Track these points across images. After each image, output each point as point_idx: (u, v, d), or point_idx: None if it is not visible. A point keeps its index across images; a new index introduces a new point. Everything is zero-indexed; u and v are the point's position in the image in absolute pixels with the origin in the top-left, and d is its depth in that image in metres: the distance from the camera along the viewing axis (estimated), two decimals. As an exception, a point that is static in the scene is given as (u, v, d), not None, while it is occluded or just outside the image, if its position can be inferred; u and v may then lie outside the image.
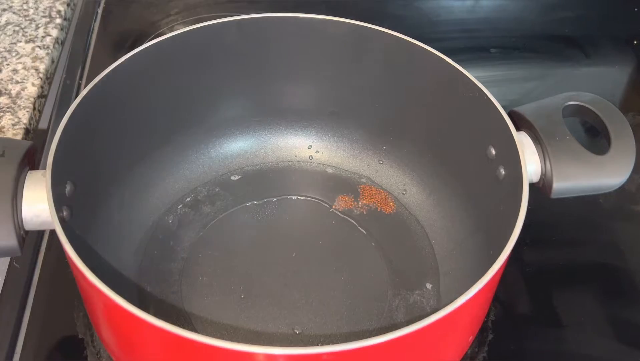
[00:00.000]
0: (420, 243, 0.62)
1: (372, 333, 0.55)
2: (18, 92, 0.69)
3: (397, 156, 0.67)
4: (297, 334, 0.55)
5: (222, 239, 0.62)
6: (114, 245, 0.57)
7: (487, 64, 0.87)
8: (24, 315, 0.56)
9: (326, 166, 0.68)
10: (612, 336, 0.58)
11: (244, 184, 0.66)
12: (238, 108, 0.66)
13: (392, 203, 0.65)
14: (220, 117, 0.66)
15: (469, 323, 0.50)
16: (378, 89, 0.64)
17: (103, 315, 0.47)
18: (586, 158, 0.54)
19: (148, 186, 0.63)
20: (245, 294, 0.57)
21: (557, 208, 0.63)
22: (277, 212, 0.64)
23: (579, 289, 0.62)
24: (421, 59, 0.59)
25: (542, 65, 0.88)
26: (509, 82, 0.85)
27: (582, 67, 0.87)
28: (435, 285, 0.59)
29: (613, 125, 0.55)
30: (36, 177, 0.49)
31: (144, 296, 0.57)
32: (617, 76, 0.87)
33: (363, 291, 0.58)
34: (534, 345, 0.57)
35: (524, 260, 0.63)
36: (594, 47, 0.89)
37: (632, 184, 0.68)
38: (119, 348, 0.49)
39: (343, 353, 0.39)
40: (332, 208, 0.65)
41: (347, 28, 0.61)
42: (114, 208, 0.58)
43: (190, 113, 0.64)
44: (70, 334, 0.55)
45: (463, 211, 0.61)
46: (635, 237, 0.67)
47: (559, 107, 0.56)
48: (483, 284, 0.43)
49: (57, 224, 0.45)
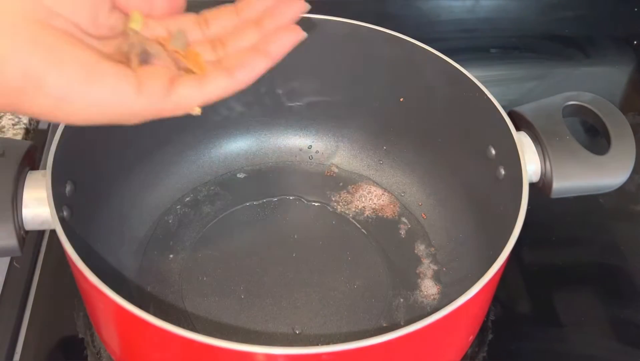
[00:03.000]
0: (420, 243, 0.62)
1: (372, 333, 0.55)
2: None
3: (397, 156, 0.67)
4: (297, 334, 0.55)
5: (222, 239, 0.62)
6: (114, 245, 0.57)
7: (487, 64, 0.87)
8: (24, 315, 0.56)
9: (326, 166, 0.68)
10: (612, 336, 0.58)
11: (244, 184, 0.66)
12: (238, 108, 0.66)
13: (392, 203, 0.65)
14: (220, 117, 0.66)
15: (469, 323, 0.50)
16: (378, 89, 0.64)
17: (103, 315, 0.47)
18: (586, 158, 0.54)
19: (148, 186, 0.63)
20: (245, 294, 0.57)
21: (557, 208, 0.63)
22: (277, 212, 0.64)
23: (579, 289, 0.62)
24: (421, 59, 0.59)
25: (542, 65, 0.88)
26: (509, 82, 0.85)
27: (582, 67, 0.87)
28: (435, 285, 0.59)
29: (613, 125, 0.55)
30: (36, 178, 0.49)
31: (144, 296, 0.57)
32: (617, 76, 0.87)
33: (363, 291, 0.58)
34: (534, 345, 0.57)
35: (524, 260, 0.63)
36: (594, 47, 0.89)
37: (632, 184, 0.68)
38: (119, 348, 0.49)
39: (343, 353, 0.39)
40: (332, 208, 0.65)
41: (347, 28, 0.61)
42: (114, 208, 0.58)
43: (190, 113, 0.64)
44: (70, 334, 0.55)
45: (463, 211, 0.61)
46: (635, 237, 0.67)
47: (559, 107, 0.56)
48: (483, 284, 0.43)
49: (57, 224, 0.45)
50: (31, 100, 0.36)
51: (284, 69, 0.64)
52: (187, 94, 0.40)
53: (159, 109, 0.39)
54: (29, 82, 0.35)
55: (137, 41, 0.40)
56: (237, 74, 0.41)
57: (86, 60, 0.37)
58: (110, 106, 0.37)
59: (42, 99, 0.36)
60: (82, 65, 0.36)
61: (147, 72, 0.39)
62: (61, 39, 0.37)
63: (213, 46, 0.43)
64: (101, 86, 0.37)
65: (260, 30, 0.43)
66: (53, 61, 0.36)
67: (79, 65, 0.36)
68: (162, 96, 0.39)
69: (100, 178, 0.57)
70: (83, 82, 0.36)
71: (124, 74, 0.38)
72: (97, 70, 0.37)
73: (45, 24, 0.37)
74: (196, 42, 0.43)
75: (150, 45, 0.41)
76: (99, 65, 0.37)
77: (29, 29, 0.36)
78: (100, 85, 0.37)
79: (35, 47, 0.36)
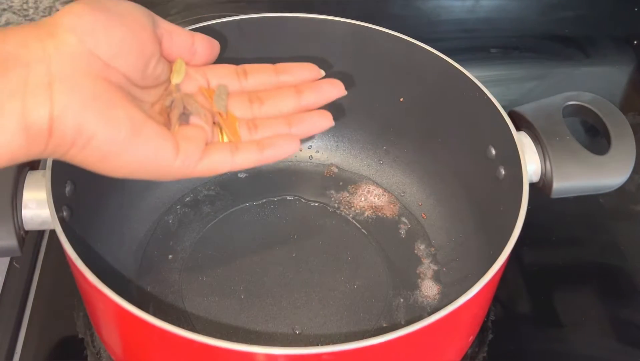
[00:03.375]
0: (420, 243, 0.62)
1: (372, 333, 0.55)
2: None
3: (397, 156, 0.67)
4: (297, 334, 0.55)
5: (222, 239, 0.62)
6: (114, 245, 0.57)
7: (487, 64, 0.87)
8: (24, 315, 0.56)
9: (326, 166, 0.68)
10: (612, 336, 0.58)
11: (244, 184, 0.66)
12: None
13: (392, 203, 0.65)
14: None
15: (469, 323, 0.50)
16: (378, 89, 0.64)
17: (103, 315, 0.47)
18: (586, 158, 0.54)
19: (148, 186, 0.63)
20: (245, 294, 0.57)
21: (557, 208, 0.63)
22: (277, 212, 0.64)
23: (579, 289, 0.62)
24: (421, 59, 0.59)
25: (542, 65, 0.88)
26: (509, 82, 0.85)
27: (582, 67, 0.87)
28: (435, 285, 0.59)
29: (613, 125, 0.55)
30: (36, 177, 0.49)
31: (144, 296, 0.57)
32: (617, 76, 0.87)
33: (363, 291, 0.58)
34: (534, 345, 0.57)
35: (524, 260, 0.63)
36: (594, 47, 0.89)
37: (632, 184, 0.69)
38: (118, 348, 0.49)
39: (343, 353, 0.39)
40: (331, 208, 0.65)
41: (347, 28, 0.61)
42: (114, 208, 0.58)
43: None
44: (70, 334, 0.55)
45: (463, 211, 0.61)
46: (635, 237, 0.67)
47: (559, 107, 0.56)
48: (483, 284, 0.43)
49: (57, 224, 0.45)
50: (79, 152, 0.38)
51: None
52: (218, 160, 0.42)
53: (192, 171, 0.42)
54: (80, 137, 0.37)
55: (178, 98, 0.43)
56: (267, 151, 0.43)
57: (136, 119, 0.38)
58: (151, 164, 0.40)
59: (90, 152, 0.38)
60: (132, 124, 0.38)
61: (185, 136, 0.41)
62: (115, 95, 0.38)
63: (250, 100, 0.45)
64: (146, 146, 0.39)
65: (299, 99, 0.46)
66: (106, 118, 0.37)
67: (130, 124, 0.38)
68: (197, 160, 0.41)
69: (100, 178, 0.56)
70: (131, 141, 0.38)
71: (166, 136, 0.40)
72: (144, 130, 0.39)
73: (102, 78, 0.38)
74: (234, 92, 0.45)
75: (190, 104, 0.43)
76: (146, 125, 0.39)
77: (86, 84, 0.37)
78: (145, 145, 0.39)
79: (91, 103, 0.37)
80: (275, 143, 0.44)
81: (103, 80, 0.38)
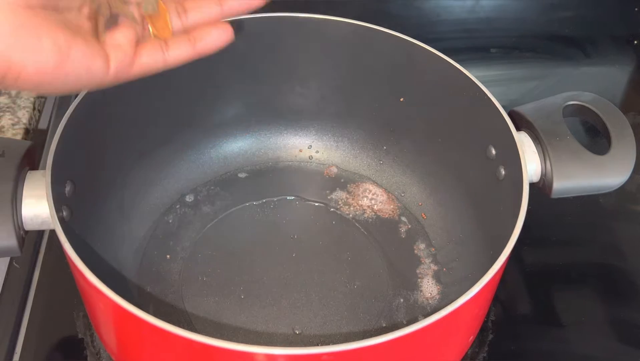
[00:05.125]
0: (420, 243, 0.62)
1: (372, 333, 0.55)
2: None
3: (397, 156, 0.67)
4: (297, 334, 0.55)
5: (222, 239, 0.62)
6: (114, 245, 0.57)
7: (487, 64, 0.87)
8: (24, 315, 0.56)
9: (326, 166, 0.68)
10: (612, 336, 0.58)
11: (244, 184, 0.66)
12: (238, 108, 0.66)
13: (392, 203, 0.65)
14: (220, 117, 0.66)
15: (469, 323, 0.50)
16: (378, 89, 0.64)
17: (103, 315, 0.47)
18: (586, 158, 0.54)
19: (148, 186, 0.63)
20: (245, 294, 0.57)
21: (557, 208, 0.63)
22: (277, 212, 0.64)
23: (579, 289, 0.62)
24: (421, 59, 0.59)
25: (542, 65, 0.88)
26: (509, 82, 0.85)
27: (582, 67, 0.87)
28: (435, 285, 0.59)
29: (613, 125, 0.55)
30: (36, 177, 0.49)
31: (144, 296, 0.57)
32: (617, 76, 0.87)
33: (363, 291, 0.58)
34: (534, 345, 0.57)
35: (524, 260, 0.63)
36: (594, 47, 0.89)
37: (632, 184, 0.68)
38: (118, 348, 0.49)
39: (343, 353, 0.39)
40: (331, 208, 0.65)
41: (347, 28, 0.61)
42: (113, 208, 0.58)
43: (190, 113, 0.64)
44: (70, 334, 0.55)
45: (463, 211, 0.61)
46: (635, 237, 0.67)
47: (559, 107, 0.56)
48: (483, 284, 0.43)
49: (57, 224, 0.45)
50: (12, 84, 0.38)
51: (285, 69, 0.65)
52: (151, 61, 0.43)
53: (127, 77, 0.43)
54: (10, 72, 0.37)
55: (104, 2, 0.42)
56: (199, 44, 0.44)
57: (62, 45, 0.38)
58: (85, 80, 0.40)
59: (22, 83, 0.38)
60: (59, 50, 0.38)
61: (113, 44, 0.42)
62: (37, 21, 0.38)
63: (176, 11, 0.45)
64: (76, 68, 0.39)
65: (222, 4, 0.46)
66: (32, 51, 0.37)
67: (57, 50, 0.38)
68: (129, 66, 0.42)
69: (100, 178, 0.56)
70: (60, 67, 0.38)
71: (94, 51, 0.40)
72: (72, 53, 0.39)
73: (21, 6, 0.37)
74: None
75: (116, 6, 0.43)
76: (73, 47, 0.39)
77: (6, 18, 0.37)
78: (75, 67, 0.39)
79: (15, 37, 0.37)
80: (207, 35, 0.44)
81: (23, 8, 0.37)
